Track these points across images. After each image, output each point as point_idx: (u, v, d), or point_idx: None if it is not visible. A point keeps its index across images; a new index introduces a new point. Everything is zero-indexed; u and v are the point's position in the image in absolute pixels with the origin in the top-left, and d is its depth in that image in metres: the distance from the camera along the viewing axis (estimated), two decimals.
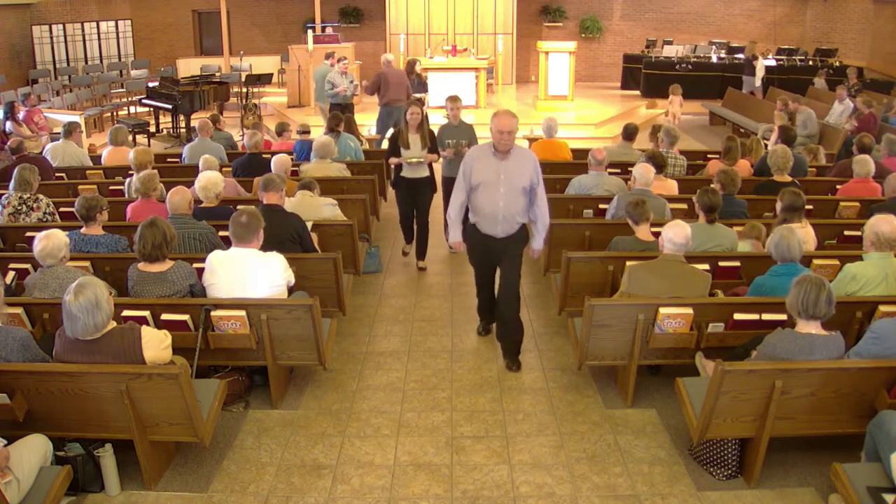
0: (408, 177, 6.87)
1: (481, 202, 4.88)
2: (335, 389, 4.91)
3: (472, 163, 4.87)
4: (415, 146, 6.73)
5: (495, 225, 4.92)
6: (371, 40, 17.70)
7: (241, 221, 4.45)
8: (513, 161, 4.81)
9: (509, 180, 4.79)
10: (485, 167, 4.82)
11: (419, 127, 6.71)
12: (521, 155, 4.90)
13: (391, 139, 6.87)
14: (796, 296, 3.62)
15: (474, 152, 4.97)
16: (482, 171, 4.83)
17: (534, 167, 4.86)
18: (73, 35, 15.48)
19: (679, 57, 16.68)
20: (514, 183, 4.80)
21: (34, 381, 3.64)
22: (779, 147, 6.87)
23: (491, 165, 4.81)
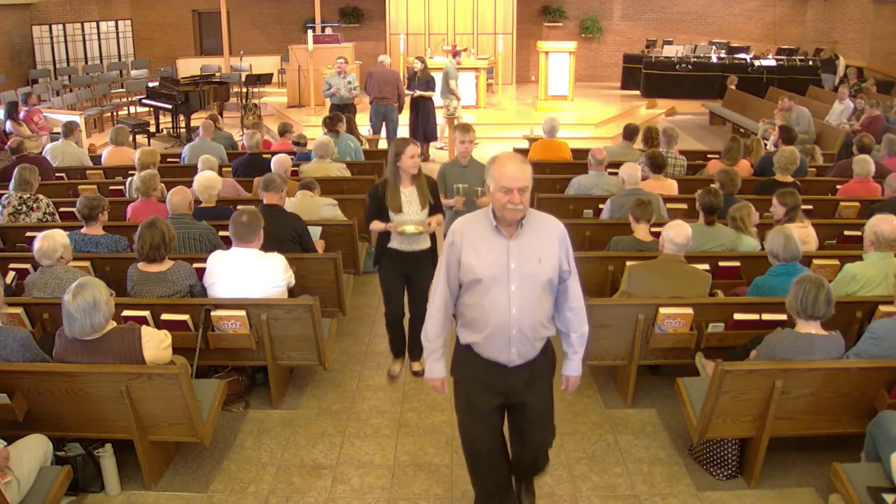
0: (399, 249, 4.72)
1: (481, 310, 3.05)
2: (335, 389, 4.91)
3: (460, 244, 3.05)
4: (410, 206, 4.58)
5: (505, 346, 3.07)
6: (371, 40, 17.69)
7: (241, 221, 4.45)
8: (528, 238, 3.01)
9: (525, 271, 2.98)
10: (484, 251, 3.00)
11: (416, 178, 4.61)
12: (541, 226, 3.06)
13: (373, 195, 4.64)
14: (795, 295, 3.62)
15: (464, 227, 3.08)
16: (480, 259, 2.99)
17: (561, 243, 3.07)
18: (73, 35, 15.48)
19: (679, 57, 16.67)
20: (532, 275, 3.00)
21: (34, 381, 3.64)
22: (787, 148, 6.88)
23: (493, 248, 3.00)
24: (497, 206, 2.96)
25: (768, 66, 16.09)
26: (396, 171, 4.53)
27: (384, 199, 4.58)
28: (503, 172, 2.93)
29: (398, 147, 4.53)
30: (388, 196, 4.56)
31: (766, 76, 15.66)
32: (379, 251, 4.82)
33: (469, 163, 5.38)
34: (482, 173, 4.82)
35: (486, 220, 3.05)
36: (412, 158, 4.51)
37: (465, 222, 3.10)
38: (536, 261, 2.99)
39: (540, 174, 7.82)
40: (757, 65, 16.18)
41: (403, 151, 4.48)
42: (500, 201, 2.94)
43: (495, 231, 3.01)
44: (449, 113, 11.42)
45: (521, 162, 2.97)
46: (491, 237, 3.02)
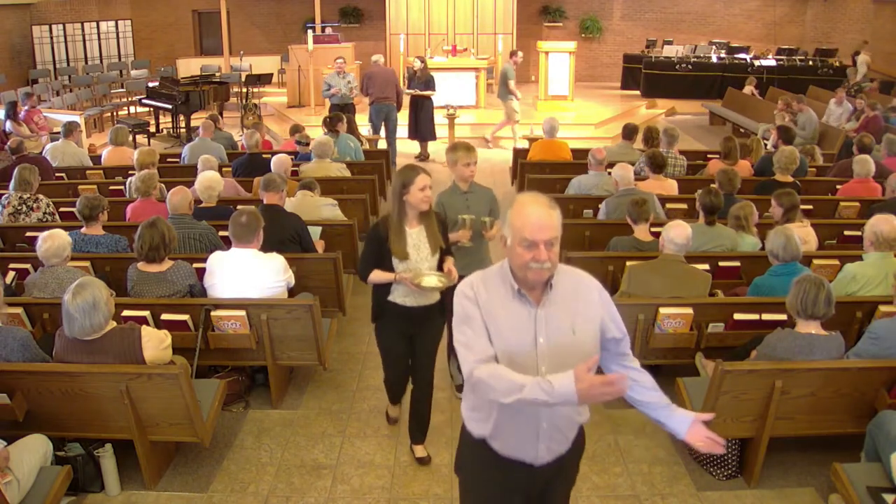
0: (403, 304, 3.80)
1: None
2: (335, 389, 4.91)
3: (469, 310, 2.36)
4: (418, 252, 3.70)
5: (532, 443, 2.42)
6: (371, 40, 17.68)
7: (240, 221, 4.45)
8: (559, 303, 2.36)
9: (558, 347, 2.33)
10: (504, 323, 2.33)
11: (424, 215, 3.73)
12: (573, 285, 2.40)
13: (373, 237, 3.74)
14: (796, 295, 3.63)
15: (480, 286, 2.39)
16: (500, 333, 2.32)
17: (602, 304, 2.43)
18: (73, 35, 15.47)
19: (679, 57, 16.67)
20: (567, 351, 2.33)
21: (34, 381, 3.64)
22: (786, 147, 6.89)
23: (516, 319, 2.34)
24: (517, 264, 2.28)
25: (768, 66, 16.09)
26: (402, 208, 3.64)
27: (386, 241, 3.65)
28: (525, 220, 2.25)
29: (405, 177, 3.61)
30: (392, 239, 3.64)
31: (766, 76, 15.66)
32: (377, 307, 3.87)
33: (471, 188, 4.48)
34: (488, 199, 4.49)
35: (503, 280, 2.36)
36: (423, 191, 3.60)
37: (480, 280, 2.40)
38: (570, 332, 2.33)
39: (540, 174, 7.85)
40: (757, 65, 16.18)
41: (412, 182, 3.58)
42: (521, 258, 2.25)
43: (518, 297, 2.33)
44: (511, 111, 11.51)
45: (547, 206, 2.27)
46: (512, 304, 2.33)
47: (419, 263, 3.70)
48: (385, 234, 3.68)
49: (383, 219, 3.74)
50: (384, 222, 3.72)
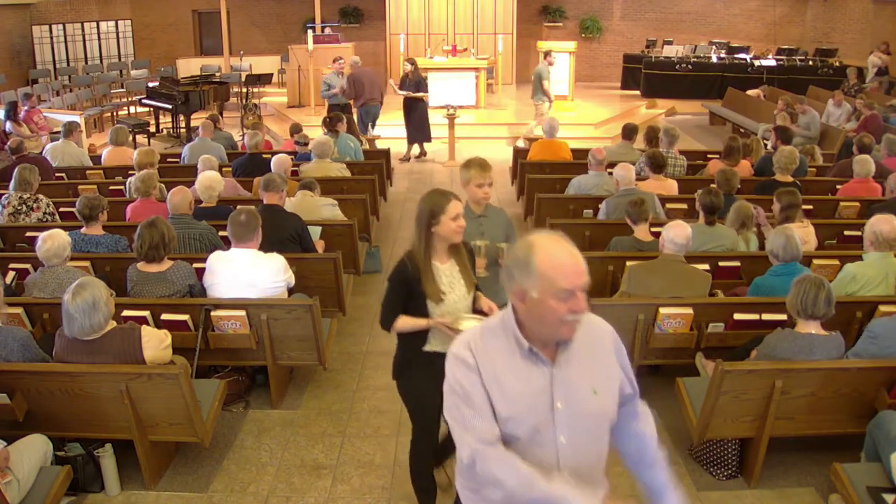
0: (441, 352, 2.91)
1: None
2: (335, 389, 4.91)
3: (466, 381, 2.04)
4: (453, 291, 3.21)
5: None
6: (371, 40, 17.68)
7: (239, 220, 4.45)
8: (577, 358, 2.07)
9: (578, 411, 2.05)
10: (512, 388, 2.02)
11: (454, 247, 3.24)
12: (588, 336, 2.12)
13: (399, 278, 3.19)
14: (796, 295, 3.63)
15: (478, 346, 2.06)
16: (508, 402, 2.01)
17: (617, 354, 2.21)
18: (73, 35, 15.47)
19: (679, 57, 16.67)
20: (588, 414, 2.07)
21: (34, 381, 3.64)
22: (786, 147, 6.89)
23: (528, 383, 2.03)
24: (551, 320, 1.93)
25: (768, 66, 16.08)
26: (430, 241, 3.12)
27: (416, 283, 3.11)
28: (560, 267, 1.90)
29: (434, 204, 3.11)
30: (424, 278, 3.11)
31: (766, 76, 15.65)
32: (405, 358, 3.30)
33: (486, 211, 3.98)
34: (504, 223, 4.01)
35: (508, 337, 2.03)
36: (455, 221, 3.12)
37: (476, 338, 2.05)
38: (591, 392, 2.03)
39: (540, 174, 7.85)
40: (757, 65, 16.17)
41: (443, 210, 3.10)
42: (556, 313, 1.91)
43: (529, 356, 2.00)
44: (540, 113, 11.54)
45: (571, 244, 1.97)
46: (521, 365, 2.00)
47: (455, 304, 3.16)
48: (414, 274, 3.10)
49: (408, 256, 3.17)
50: (410, 259, 3.14)
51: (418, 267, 3.12)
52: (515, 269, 1.96)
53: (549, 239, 1.96)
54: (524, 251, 1.95)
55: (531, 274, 1.92)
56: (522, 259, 1.94)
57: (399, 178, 10.29)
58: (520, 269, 1.95)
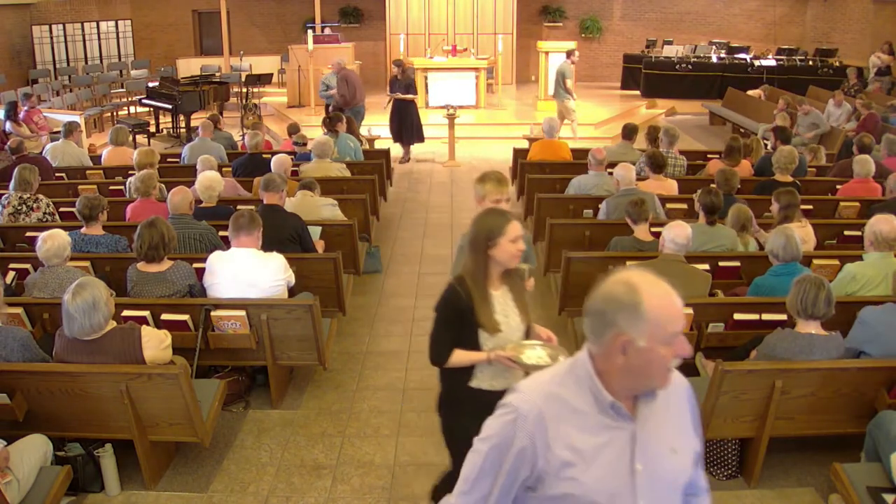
0: (491, 390, 2.92)
1: None
2: (335, 389, 4.91)
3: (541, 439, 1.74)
4: (507, 320, 2.93)
5: None
6: (371, 40, 17.68)
7: (239, 222, 4.45)
8: (657, 413, 1.81)
9: (658, 473, 1.79)
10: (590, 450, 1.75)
11: (508, 273, 2.95)
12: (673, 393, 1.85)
13: (449, 306, 2.90)
14: (796, 295, 3.63)
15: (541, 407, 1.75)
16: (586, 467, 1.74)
17: (691, 405, 1.91)
18: (73, 35, 15.47)
19: (679, 57, 16.67)
20: (668, 477, 1.82)
21: (34, 381, 3.64)
22: (785, 147, 6.90)
23: (607, 443, 1.76)
24: (653, 370, 1.71)
25: (768, 66, 16.08)
26: (486, 266, 2.84)
27: (470, 312, 2.83)
28: (670, 310, 1.70)
29: (492, 226, 2.81)
30: (478, 309, 2.83)
31: (766, 76, 15.65)
32: (451, 395, 3.02)
33: None
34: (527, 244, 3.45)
35: (581, 391, 1.76)
36: (515, 244, 2.83)
37: (540, 397, 1.75)
38: (671, 452, 1.80)
39: (540, 174, 7.85)
40: (757, 65, 16.17)
41: (502, 233, 2.80)
42: (663, 361, 1.70)
43: (608, 412, 1.74)
44: (568, 110, 11.67)
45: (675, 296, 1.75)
46: (598, 423, 1.74)
47: (510, 335, 2.90)
48: (467, 302, 2.82)
49: (458, 282, 2.88)
50: (461, 286, 2.85)
51: (471, 295, 2.83)
52: (618, 315, 1.67)
53: (646, 277, 1.74)
54: (627, 295, 1.68)
55: (640, 319, 1.66)
56: (628, 303, 1.67)
57: (399, 178, 10.29)
58: (625, 315, 1.67)
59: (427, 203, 9.37)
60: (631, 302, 1.68)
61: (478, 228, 2.86)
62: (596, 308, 1.73)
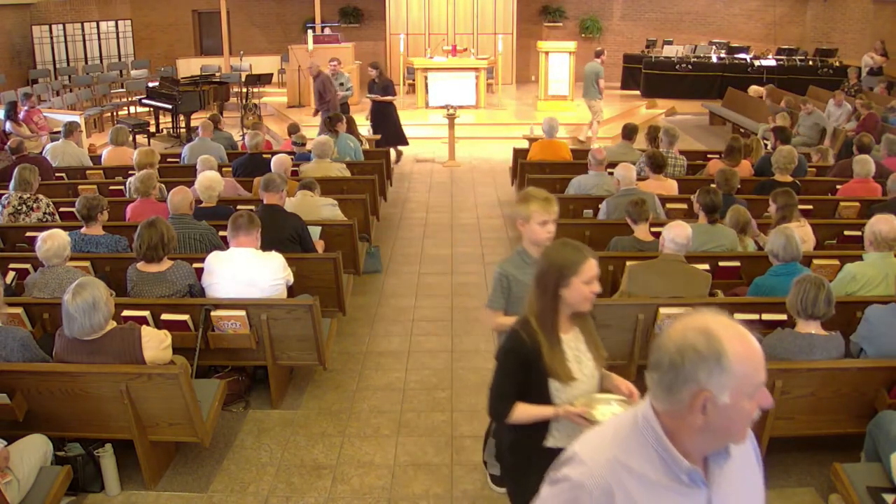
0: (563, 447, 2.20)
1: None
2: (335, 389, 4.91)
3: None
4: (581, 368, 2.59)
5: None
6: (371, 40, 17.68)
7: (238, 222, 4.46)
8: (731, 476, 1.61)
9: None
10: None
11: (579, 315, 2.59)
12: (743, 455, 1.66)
13: (514, 353, 2.56)
14: (796, 295, 3.63)
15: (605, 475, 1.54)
16: None
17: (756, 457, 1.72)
18: (73, 35, 15.47)
19: (679, 57, 16.66)
20: None
21: (34, 381, 3.64)
22: (784, 147, 6.90)
23: None
24: (734, 427, 1.52)
25: (768, 66, 16.08)
26: (556, 307, 2.49)
27: (536, 360, 2.50)
28: (754, 358, 1.49)
29: (567, 262, 2.47)
30: (548, 355, 2.49)
31: (766, 76, 15.65)
32: (521, 456, 2.67)
33: None
34: None
35: (646, 453, 1.56)
36: (590, 285, 2.48)
37: (605, 468, 1.55)
38: None
39: (540, 174, 7.85)
40: (757, 65, 16.17)
41: (577, 271, 2.46)
42: (747, 416, 1.51)
43: (685, 479, 1.55)
44: (598, 109, 11.79)
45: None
46: (669, 490, 1.55)
47: (586, 384, 2.57)
48: (533, 349, 2.48)
49: (522, 326, 2.53)
50: (526, 330, 2.51)
51: (538, 340, 2.47)
52: (698, 369, 1.46)
53: (722, 321, 1.50)
54: (707, 345, 1.46)
55: (724, 373, 1.46)
56: (708, 355, 1.46)
57: (399, 178, 10.29)
58: (707, 368, 1.46)
59: (427, 203, 9.37)
60: (712, 353, 1.46)
61: (548, 264, 2.50)
62: (668, 361, 1.50)
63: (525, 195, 3.26)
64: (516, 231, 3.46)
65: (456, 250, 7.59)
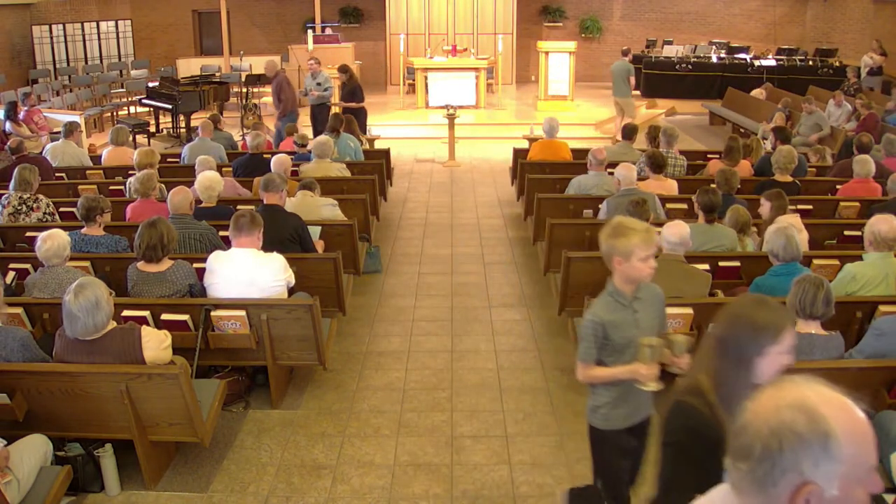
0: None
1: None
2: (335, 389, 4.91)
3: None
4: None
5: None
6: (371, 40, 17.70)
7: (240, 222, 4.46)
8: None
9: None
10: None
11: None
12: None
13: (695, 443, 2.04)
14: (795, 295, 3.63)
15: None
16: None
17: None
18: (73, 35, 15.47)
19: (679, 57, 16.67)
20: None
21: (34, 381, 3.64)
22: (784, 147, 6.90)
23: None
24: None
25: (768, 66, 16.08)
26: (746, 382, 2.04)
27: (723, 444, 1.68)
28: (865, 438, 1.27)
29: (768, 324, 2.06)
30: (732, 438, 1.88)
31: (766, 76, 15.65)
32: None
33: (642, 291, 2.93)
34: (657, 300, 2.97)
35: None
36: (786, 356, 2.09)
37: None
38: None
39: (540, 174, 7.85)
40: (757, 65, 16.18)
41: (777, 339, 2.05)
42: None
43: None
44: (631, 107, 11.86)
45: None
46: None
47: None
48: (719, 433, 1.96)
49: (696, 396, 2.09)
50: (704, 403, 2.06)
51: (721, 419, 2.00)
52: (800, 456, 1.22)
53: (824, 394, 1.26)
54: (810, 426, 1.22)
55: (832, 460, 1.21)
56: (812, 439, 1.21)
57: (399, 178, 10.29)
58: (811, 455, 1.22)
59: (427, 203, 9.37)
60: (817, 436, 1.21)
61: (742, 326, 2.05)
62: (761, 448, 1.24)
63: (620, 227, 2.80)
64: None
65: (456, 250, 7.60)
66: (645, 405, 2.96)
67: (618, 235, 2.79)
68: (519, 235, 7.93)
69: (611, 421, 2.95)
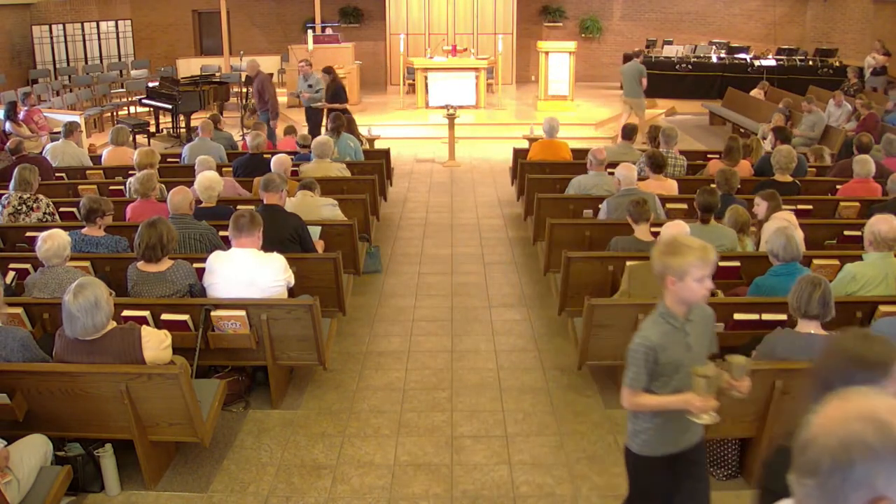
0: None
1: None
2: (335, 389, 4.91)
3: None
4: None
5: None
6: (371, 40, 17.70)
7: (240, 222, 4.46)
8: None
9: None
10: None
11: None
12: None
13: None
14: (794, 294, 3.62)
15: None
16: None
17: None
18: (73, 35, 15.47)
19: (679, 57, 16.67)
20: None
21: (34, 381, 3.64)
22: (784, 147, 6.90)
23: None
24: None
25: (768, 66, 16.08)
26: None
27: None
28: None
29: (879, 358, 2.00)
30: None
31: (766, 76, 15.65)
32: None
33: (694, 313, 2.74)
34: (708, 320, 2.80)
35: None
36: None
37: None
38: None
39: (540, 174, 7.85)
40: (757, 65, 16.18)
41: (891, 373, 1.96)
42: None
43: None
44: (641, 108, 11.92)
45: None
46: None
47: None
48: None
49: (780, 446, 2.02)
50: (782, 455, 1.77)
51: None
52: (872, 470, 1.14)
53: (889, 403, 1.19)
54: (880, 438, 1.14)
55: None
56: (883, 451, 1.14)
57: (399, 178, 10.29)
58: (884, 469, 1.14)
59: (427, 203, 9.37)
60: (890, 448, 1.13)
61: (850, 360, 1.94)
62: (830, 462, 1.16)
63: (675, 245, 2.63)
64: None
65: (456, 250, 7.60)
66: (693, 432, 2.77)
67: (672, 253, 2.61)
68: (519, 235, 7.94)
69: (649, 447, 2.78)
